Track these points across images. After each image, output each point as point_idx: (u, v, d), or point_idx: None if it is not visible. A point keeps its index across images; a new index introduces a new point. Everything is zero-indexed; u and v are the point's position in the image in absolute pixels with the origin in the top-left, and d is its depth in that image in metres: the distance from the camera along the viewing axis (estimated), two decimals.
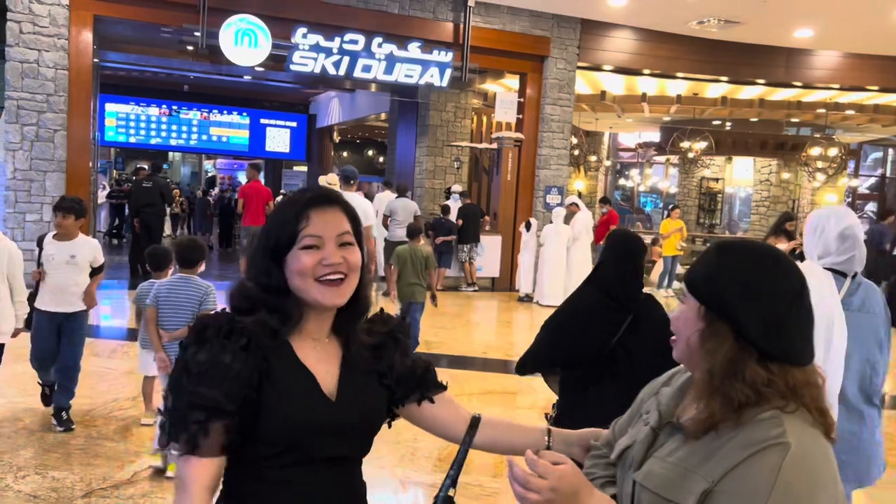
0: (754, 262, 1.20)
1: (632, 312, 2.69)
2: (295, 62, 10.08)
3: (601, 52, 12.00)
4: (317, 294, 1.33)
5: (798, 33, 11.49)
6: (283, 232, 1.34)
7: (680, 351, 1.25)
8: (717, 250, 1.24)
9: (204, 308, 3.97)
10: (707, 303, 1.20)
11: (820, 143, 16.19)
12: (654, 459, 1.24)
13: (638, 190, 24.77)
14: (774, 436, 1.09)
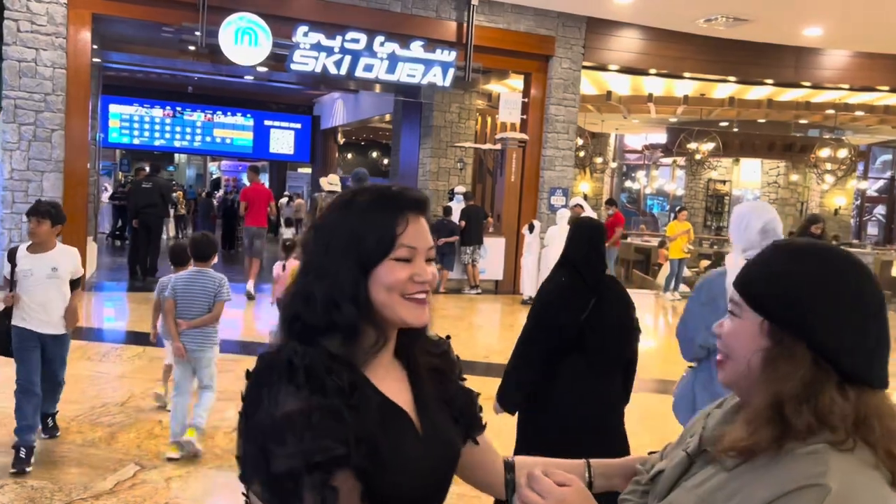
0: (832, 267, 1.01)
1: (597, 293, 2.88)
2: (296, 61, 9.95)
3: (607, 52, 11.83)
4: (404, 312, 1.14)
5: (807, 31, 11.29)
6: (379, 237, 1.14)
7: (733, 373, 1.06)
8: (785, 253, 1.05)
9: (218, 299, 4.26)
10: (777, 318, 1.01)
11: (829, 145, 15.99)
12: (680, 489, 1.08)
13: (644, 192, 24.59)
14: (814, 475, 0.92)
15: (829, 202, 19.62)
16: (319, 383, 1.03)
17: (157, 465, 3.93)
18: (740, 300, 1.05)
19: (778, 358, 0.99)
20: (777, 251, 1.06)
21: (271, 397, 1.02)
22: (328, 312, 1.10)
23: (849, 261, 1.02)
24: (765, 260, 1.06)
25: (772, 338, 1.01)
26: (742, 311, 1.05)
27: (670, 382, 6.84)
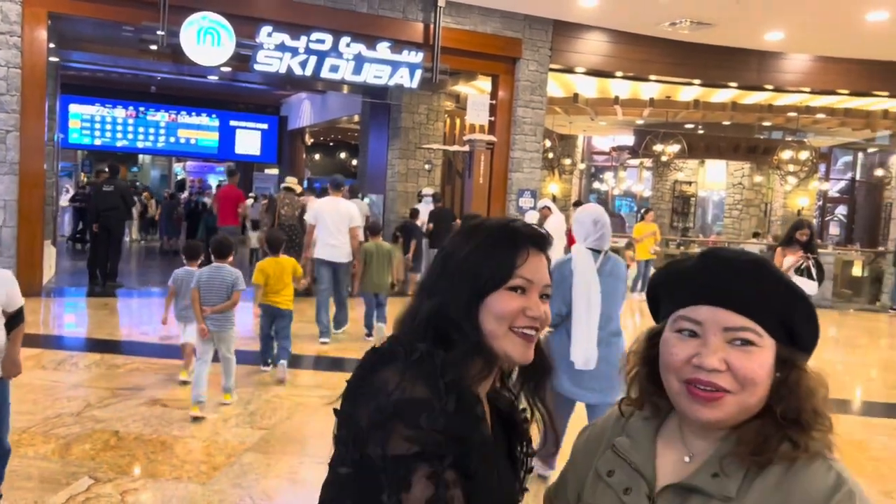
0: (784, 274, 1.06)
1: None
2: (259, 62, 9.81)
3: (573, 54, 11.87)
4: (509, 346, 1.11)
5: (769, 36, 11.45)
6: (498, 265, 1.12)
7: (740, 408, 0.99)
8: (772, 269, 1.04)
9: (236, 289, 5.08)
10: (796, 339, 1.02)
11: (791, 147, 16.24)
12: None
13: (612, 193, 24.77)
14: (838, 483, 0.95)
15: (791, 203, 19.96)
16: (455, 382, 1.01)
17: (112, 479, 3.81)
18: (759, 328, 0.99)
19: (796, 378, 1.00)
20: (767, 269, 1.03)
21: (404, 380, 0.99)
22: (433, 329, 1.09)
23: None
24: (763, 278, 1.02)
25: (786, 360, 1.01)
26: (762, 340, 0.99)
27: None
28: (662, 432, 1.10)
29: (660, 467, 1.06)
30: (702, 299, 1.01)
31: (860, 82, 12.78)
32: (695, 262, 1.07)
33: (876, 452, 5.09)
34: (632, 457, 1.09)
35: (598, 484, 1.12)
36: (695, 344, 1.00)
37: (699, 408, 0.99)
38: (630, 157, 20.74)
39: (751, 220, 19.50)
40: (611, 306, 3.73)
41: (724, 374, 0.98)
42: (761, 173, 19.06)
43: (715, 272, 1.02)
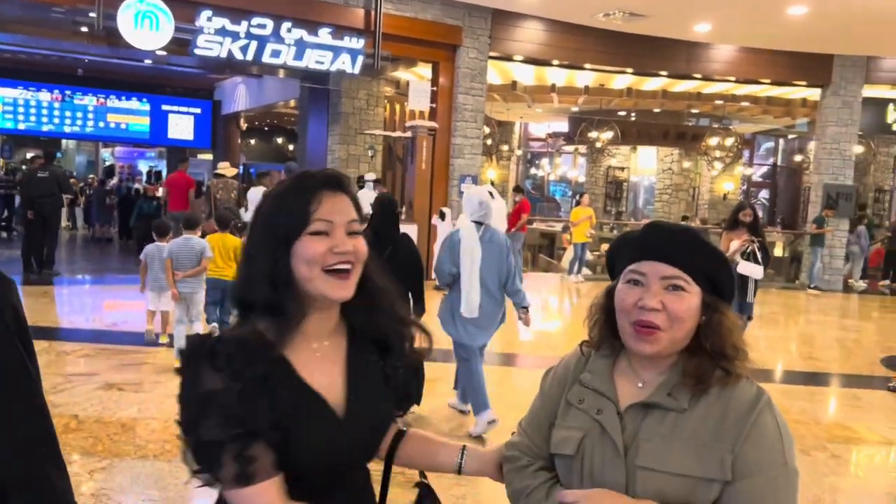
0: (709, 239, 1.37)
1: (391, 245, 4.45)
2: (200, 46, 9.71)
3: (512, 43, 12.12)
4: (322, 285, 1.21)
5: (698, 27, 11.96)
6: (294, 215, 1.21)
7: (671, 341, 1.28)
8: (700, 234, 1.35)
9: (204, 256, 5.97)
10: (717, 287, 1.32)
11: (717, 133, 16.96)
12: (648, 442, 1.26)
13: (548, 179, 25.29)
14: (758, 394, 1.28)
15: (718, 187, 20.83)
16: (236, 371, 1.12)
17: (76, 459, 3.87)
18: (688, 277, 1.29)
19: (719, 320, 1.30)
20: (697, 233, 1.35)
21: (197, 376, 1.13)
22: (250, 292, 1.20)
23: None
24: (698, 241, 1.33)
25: (709, 305, 1.30)
26: (690, 287, 1.28)
27: None
28: (617, 367, 1.38)
29: (619, 393, 1.34)
30: (645, 256, 1.31)
31: (781, 72, 13.47)
32: (641, 230, 1.37)
33: (796, 415, 5.53)
34: (598, 386, 1.36)
35: (570, 410, 1.38)
36: (639, 291, 1.30)
37: (642, 343, 1.29)
38: (565, 144, 21.22)
39: (680, 205, 20.28)
40: (492, 266, 4.66)
41: (661, 314, 1.27)
42: (689, 159, 19.82)
43: (655, 236, 1.33)
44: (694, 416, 1.26)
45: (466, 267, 4.55)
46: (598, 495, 1.25)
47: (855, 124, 13.56)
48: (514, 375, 6.36)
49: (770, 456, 1.23)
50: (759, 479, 1.22)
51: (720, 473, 1.22)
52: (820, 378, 7.09)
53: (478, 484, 3.91)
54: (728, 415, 1.25)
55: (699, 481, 1.22)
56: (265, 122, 25.72)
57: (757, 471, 1.22)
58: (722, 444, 1.23)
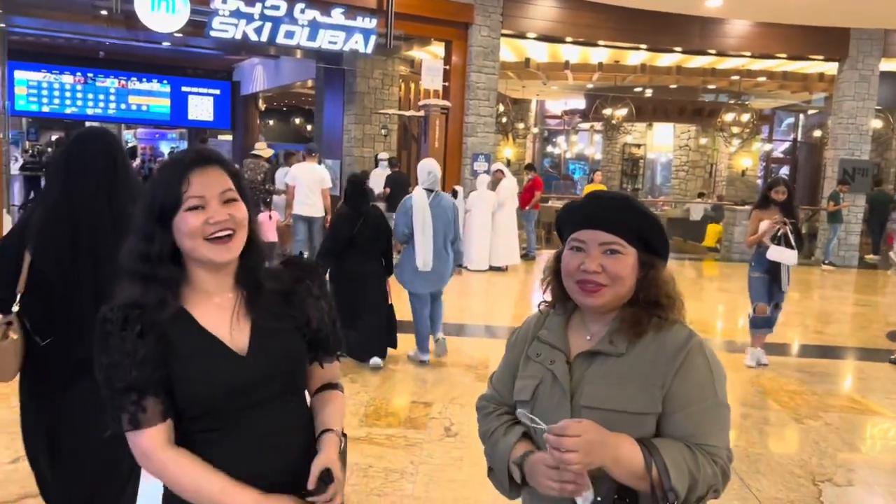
0: (650, 209, 1.56)
1: (363, 216, 5.42)
2: (215, 28, 9.88)
3: (524, 20, 12.15)
4: (207, 252, 1.38)
5: (709, 2, 11.89)
6: (166, 196, 1.38)
7: (614, 296, 1.44)
8: (633, 201, 1.52)
9: None
10: (651, 247, 1.47)
11: (733, 109, 16.85)
12: (590, 385, 1.42)
13: (565, 157, 25.25)
14: (689, 336, 1.44)
15: (736, 164, 20.70)
16: (114, 332, 1.34)
17: None
18: (621, 241, 1.43)
19: (654, 275, 1.46)
20: (629, 200, 1.52)
21: (97, 340, 1.36)
22: (141, 264, 1.38)
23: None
24: (630, 207, 1.49)
25: (645, 263, 1.46)
26: (625, 249, 1.44)
27: None
28: (570, 323, 1.55)
29: (571, 345, 1.51)
30: (584, 225, 1.46)
31: (797, 46, 13.36)
32: (582, 201, 1.54)
33: (794, 386, 5.66)
34: (552, 340, 1.53)
35: (528, 364, 1.56)
36: (581, 256, 1.45)
37: (587, 298, 1.45)
38: (581, 121, 21.17)
39: (697, 181, 20.21)
40: (439, 227, 5.54)
41: (602, 275, 1.43)
42: (706, 135, 19.71)
43: (592, 206, 1.50)
44: (630, 358, 1.41)
45: (419, 228, 5.44)
46: (587, 425, 1.33)
47: (872, 99, 13.42)
48: None
49: (700, 391, 1.39)
50: (690, 409, 1.38)
51: (652, 407, 1.38)
52: (824, 350, 7.18)
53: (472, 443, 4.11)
54: (660, 356, 1.40)
55: (635, 416, 1.37)
56: (283, 103, 25.91)
57: (688, 403, 1.38)
58: (654, 382, 1.38)
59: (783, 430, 4.79)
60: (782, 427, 4.82)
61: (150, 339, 1.34)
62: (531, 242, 12.24)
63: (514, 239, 10.96)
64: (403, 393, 5.11)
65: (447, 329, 6.25)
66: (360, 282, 5.37)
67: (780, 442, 4.63)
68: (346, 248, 5.37)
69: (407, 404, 4.86)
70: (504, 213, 10.76)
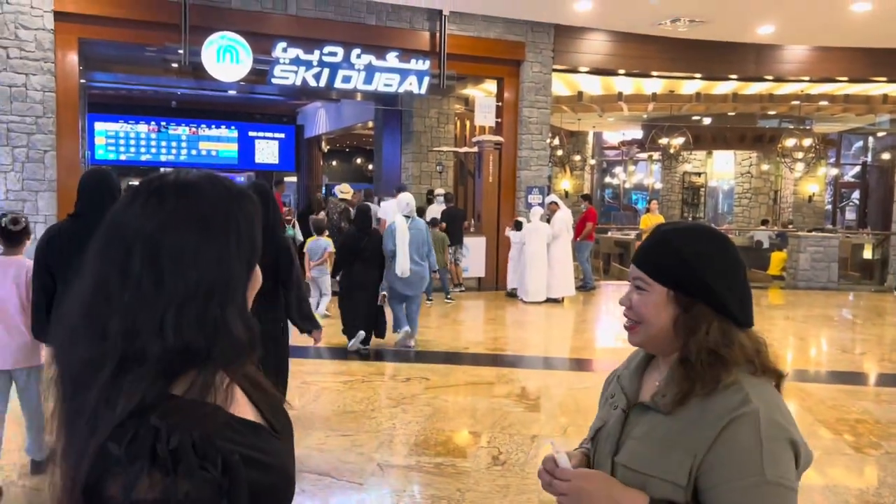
0: (717, 243, 1.33)
1: (367, 237, 7.04)
2: (276, 76, 10.38)
3: (576, 55, 12.31)
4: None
5: (761, 30, 11.82)
6: (254, 241, 0.99)
7: (645, 336, 1.34)
8: (672, 234, 1.34)
9: (327, 251, 8.79)
10: (683, 287, 1.29)
11: (795, 135, 16.54)
12: (632, 441, 1.32)
13: (624, 187, 25.11)
14: (742, 401, 1.22)
15: (802, 190, 20.20)
16: (188, 470, 0.82)
17: None
18: (646, 277, 1.32)
19: (691, 320, 1.28)
20: (669, 233, 1.34)
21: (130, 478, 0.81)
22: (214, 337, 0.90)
23: (717, 233, 1.36)
24: (659, 241, 1.34)
25: (679, 304, 1.29)
26: (650, 286, 1.31)
27: None
28: (652, 363, 1.43)
29: (643, 390, 1.39)
30: (632, 259, 1.41)
31: (858, 69, 13.09)
32: None
33: (857, 415, 5.52)
34: (624, 382, 1.43)
35: (605, 403, 1.49)
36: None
37: (628, 334, 1.39)
38: (638, 151, 21.09)
39: (761, 209, 19.79)
40: (414, 244, 7.19)
41: (630, 311, 1.36)
42: (769, 161, 19.33)
43: (643, 240, 1.42)
44: (674, 418, 1.27)
45: (400, 245, 7.07)
46: (592, 478, 1.29)
47: None
48: (578, 380, 6.56)
49: (739, 467, 1.20)
50: (725, 487, 1.20)
51: (679, 477, 1.23)
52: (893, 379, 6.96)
53: (519, 472, 4.17)
54: (702, 421, 1.24)
55: (664, 483, 1.24)
56: (345, 144, 26.66)
57: (723, 479, 1.20)
58: (687, 449, 1.23)
59: (841, 458, 4.69)
60: (840, 455, 4.72)
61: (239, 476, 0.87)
62: (587, 274, 12.22)
63: (569, 270, 10.99)
64: (454, 423, 5.22)
65: (503, 360, 6.89)
66: (362, 287, 7.02)
67: (837, 471, 4.53)
68: (353, 260, 7.00)
69: (457, 434, 4.97)
70: (559, 244, 10.82)
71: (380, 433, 4.85)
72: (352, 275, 7.03)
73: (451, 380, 6.30)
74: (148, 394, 0.85)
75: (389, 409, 5.39)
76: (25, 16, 9.15)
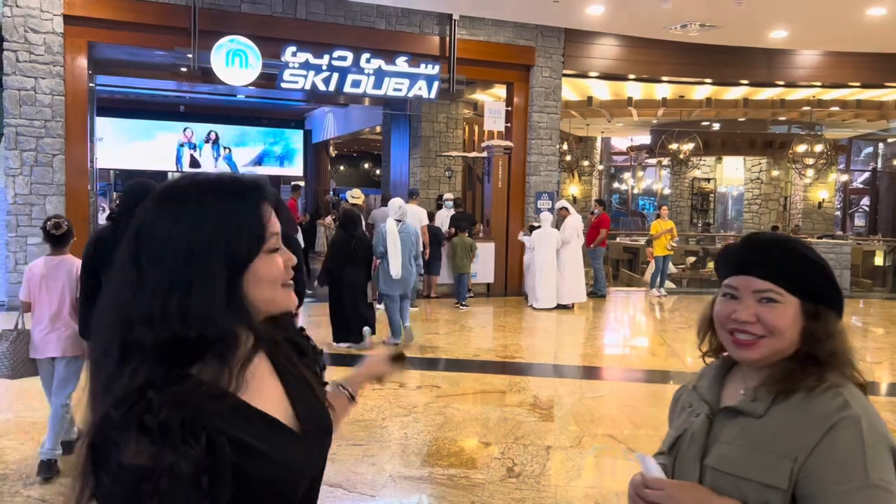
0: (816, 252, 1.37)
1: (355, 239, 7.43)
2: (285, 80, 10.34)
3: (586, 60, 12.25)
4: (284, 300, 1.09)
5: (773, 34, 11.74)
6: (251, 232, 1.03)
7: (771, 350, 1.31)
8: (793, 243, 1.36)
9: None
10: (816, 296, 1.32)
11: (806, 140, 16.43)
12: (721, 445, 1.31)
13: (632, 192, 25.01)
14: (843, 405, 1.23)
15: (812, 196, 20.07)
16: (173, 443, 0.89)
17: None
18: (778, 288, 1.30)
19: (818, 327, 1.31)
20: (797, 247, 1.35)
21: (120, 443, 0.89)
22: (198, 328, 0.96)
23: (808, 244, 1.40)
24: (789, 250, 1.33)
25: (808, 313, 1.31)
26: (782, 297, 1.30)
27: (655, 372, 7.23)
28: (731, 375, 1.43)
29: (724, 398, 1.39)
30: (739, 271, 1.35)
31: (870, 74, 13.00)
32: (736, 244, 1.41)
33: None
34: (703, 391, 1.43)
35: (680, 413, 1.48)
36: (733, 304, 1.34)
37: (742, 350, 1.34)
38: (647, 157, 21.00)
39: (770, 215, 19.67)
40: (405, 246, 7.63)
41: (756, 325, 1.31)
42: (779, 167, 19.23)
43: (748, 250, 1.37)
44: (768, 421, 1.28)
45: (391, 247, 7.55)
46: (684, 487, 1.29)
47: None
48: (591, 388, 6.46)
49: (842, 470, 1.19)
50: (829, 491, 1.19)
51: (778, 481, 1.22)
52: None
53: (534, 484, 4.09)
54: (801, 424, 1.24)
55: (759, 486, 1.23)
56: (353, 149, 26.64)
57: (825, 484, 1.20)
58: (786, 452, 1.23)
59: None
60: None
61: (221, 453, 0.93)
62: (599, 280, 12.13)
63: (580, 277, 10.89)
64: (465, 432, 5.13)
65: (514, 367, 6.74)
66: (352, 287, 7.45)
67: None
68: (345, 262, 7.38)
69: (469, 444, 4.88)
70: (569, 250, 10.72)
71: (391, 443, 4.77)
72: (343, 276, 7.42)
73: (462, 388, 6.22)
74: (152, 375, 0.93)
75: (401, 417, 5.31)
76: (35, 19, 9.14)
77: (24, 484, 3.95)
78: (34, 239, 9.36)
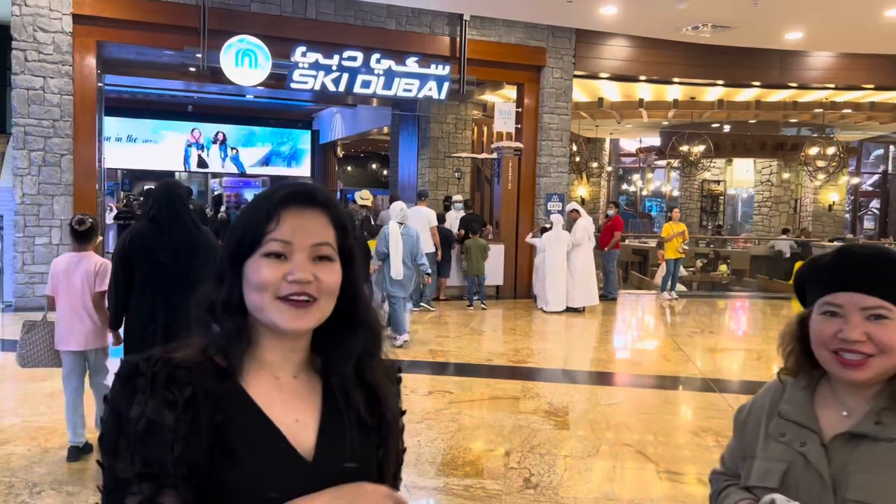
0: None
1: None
2: (295, 80, 10.26)
3: (597, 60, 12.15)
4: (274, 314, 1.02)
5: (789, 36, 11.62)
6: (246, 231, 1.05)
7: (881, 369, 1.24)
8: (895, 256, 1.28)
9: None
10: None
11: (818, 143, 16.29)
12: (858, 475, 1.23)
13: (641, 194, 24.88)
14: None
15: (823, 198, 19.91)
16: (157, 396, 0.95)
17: None
18: (889, 305, 1.23)
19: None
20: (890, 256, 1.27)
21: (121, 399, 0.97)
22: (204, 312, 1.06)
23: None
24: (887, 265, 1.25)
25: None
26: (893, 314, 1.23)
27: (669, 378, 7.12)
28: (818, 396, 1.34)
29: (822, 423, 1.30)
30: (840, 287, 1.26)
31: (884, 77, 12.85)
32: (831, 258, 1.32)
33: None
34: (798, 418, 1.33)
35: (769, 443, 1.36)
36: (838, 322, 1.25)
37: (849, 371, 1.25)
38: (657, 158, 20.88)
39: (780, 217, 19.53)
40: (407, 249, 7.73)
41: (867, 344, 1.23)
42: (789, 170, 19.09)
43: (849, 265, 1.28)
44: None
45: (393, 249, 7.65)
46: None
47: None
48: (605, 394, 6.36)
49: None
50: None
51: None
52: None
53: (552, 495, 3.99)
54: None
55: None
56: (360, 149, 26.58)
57: None
58: None
59: None
60: None
61: (203, 414, 0.97)
62: (612, 283, 12.00)
63: (591, 279, 10.77)
64: (481, 441, 5.04)
65: (527, 373, 6.66)
66: None
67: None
68: None
69: (484, 453, 4.78)
70: (580, 253, 10.61)
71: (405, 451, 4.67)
72: None
73: (475, 394, 6.12)
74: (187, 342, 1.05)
75: (413, 424, 5.21)
76: (44, 18, 9.09)
77: (31, 493, 3.87)
78: (42, 239, 9.31)
